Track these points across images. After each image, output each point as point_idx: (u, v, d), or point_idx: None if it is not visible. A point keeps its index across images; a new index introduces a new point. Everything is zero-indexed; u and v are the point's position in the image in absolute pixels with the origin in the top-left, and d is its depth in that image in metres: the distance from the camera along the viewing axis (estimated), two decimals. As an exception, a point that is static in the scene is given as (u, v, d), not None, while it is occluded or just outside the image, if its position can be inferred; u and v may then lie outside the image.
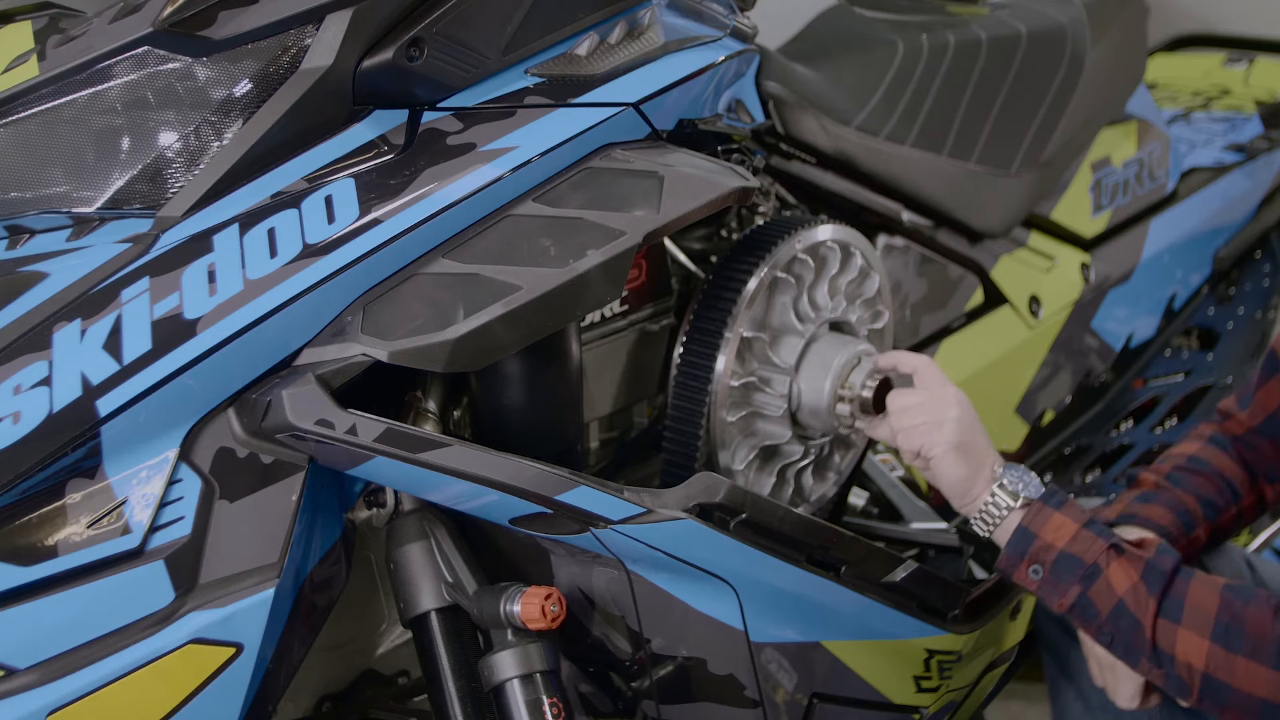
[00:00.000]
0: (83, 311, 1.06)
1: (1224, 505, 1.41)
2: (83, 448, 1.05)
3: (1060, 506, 1.26)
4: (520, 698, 1.19)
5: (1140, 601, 1.20)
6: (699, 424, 1.41)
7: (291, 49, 1.14)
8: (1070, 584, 1.23)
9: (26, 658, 1.02)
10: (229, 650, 1.08)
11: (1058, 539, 1.24)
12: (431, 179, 1.15)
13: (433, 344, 1.12)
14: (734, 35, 1.45)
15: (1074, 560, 1.23)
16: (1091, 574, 1.22)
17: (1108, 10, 2.15)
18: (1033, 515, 1.26)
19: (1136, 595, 1.20)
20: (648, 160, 1.26)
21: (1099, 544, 1.22)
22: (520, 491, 1.15)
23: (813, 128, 1.72)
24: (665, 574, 1.25)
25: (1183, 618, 1.19)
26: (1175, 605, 1.19)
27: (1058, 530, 1.24)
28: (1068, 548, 1.23)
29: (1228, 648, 1.17)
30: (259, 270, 1.09)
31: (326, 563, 1.20)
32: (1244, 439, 1.45)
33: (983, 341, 2.01)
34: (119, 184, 1.13)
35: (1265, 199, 2.43)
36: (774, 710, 1.34)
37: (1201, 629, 1.18)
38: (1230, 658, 1.17)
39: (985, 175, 1.92)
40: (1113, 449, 2.14)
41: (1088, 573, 1.22)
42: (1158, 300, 2.31)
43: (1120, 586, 1.21)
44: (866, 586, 1.35)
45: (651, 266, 1.50)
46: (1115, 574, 1.21)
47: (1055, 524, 1.24)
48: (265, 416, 1.10)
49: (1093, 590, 1.22)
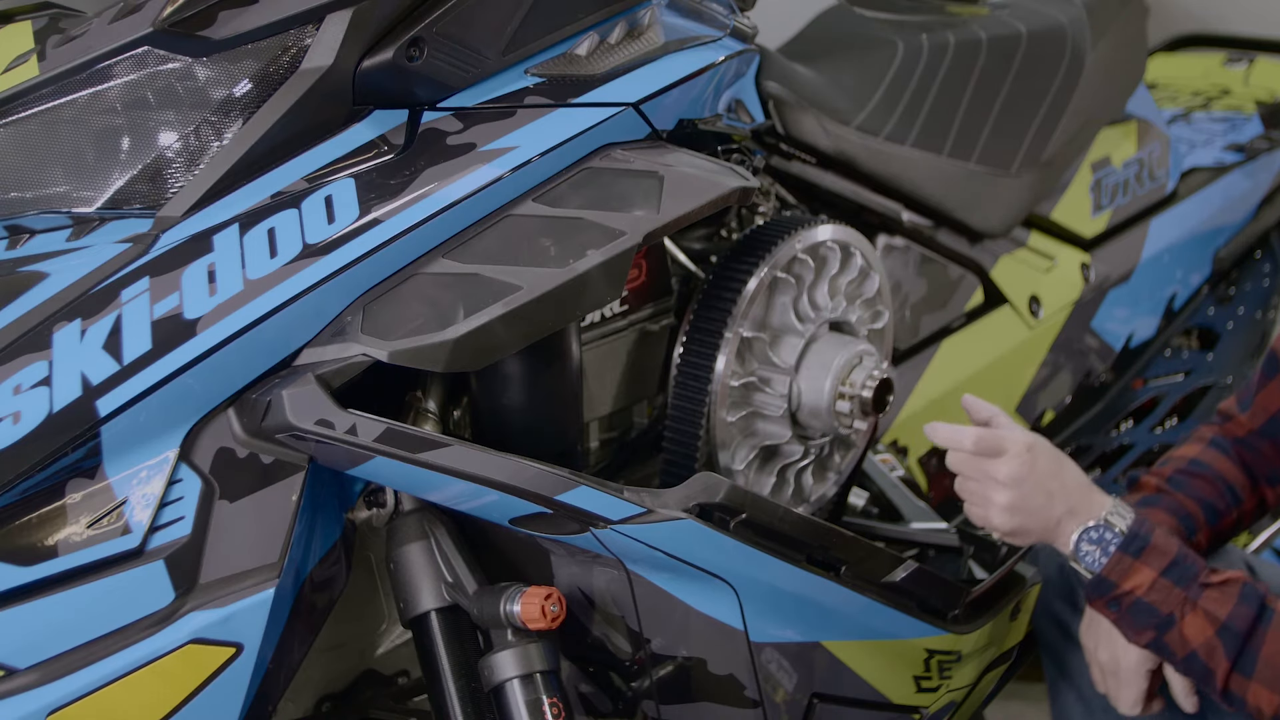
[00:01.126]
0: (83, 311, 1.06)
1: (1225, 509, 1.41)
2: (83, 448, 1.05)
3: (1140, 554, 1.24)
4: (520, 698, 1.19)
5: (1214, 657, 1.21)
6: (699, 424, 1.41)
7: (291, 49, 1.14)
8: (1146, 628, 1.24)
9: (26, 658, 1.02)
10: (229, 650, 1.08)
11: (1137, 588, 1.24)
12: (431, 179, 1.15)
13: (433, 344, 1.12)
14: (734, 35, 1.45)
15: (1150, 609, 1.23)
16: (1166, 623, 1.23)
17: (1108, 10, 2.15)
18: (1113, 565, 1.25)
19: (1210, 651, 1.21)
20: (648, 160, 1.26)
21: (1176, 594, 1.22)
22: (520, 491, 1.15)
23: (813, 128, 1.71)
24: (665, 574, 1.25)
25: (1255, 673, 1.20)
26: (1249, 660, 1.20)
27: (1137, 579, 1.24)
28: (1145, 596, 1.23)
29: None
30: (259, 270, 1.09)
31: (326, 563, 1.20)
32: (1245, 441, 1.44)
33: (983, 341, 2.01)
34: (119, 184, 1.13)
35: (1265, 199, 2.42)
36: (774, 710, 1.33)
37: (1273, 685, 1.19)
38: None
39: (985, 175, 1.92)
40: (1113, 449, 2.14)
41: (1163, 622, 1.23)
42: (1158, 300, 2.30)
43: (1194, 640, 1.21)
44: (866, 586, 1.35)
45: (651, 266, 1.50)
46: (1190, 627, 1.22)
47: (1135, 572, 1.24)
48: (265, 416, 1.10)
49: (1168, 637, 1.23)
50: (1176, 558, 1.24)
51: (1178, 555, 1.24)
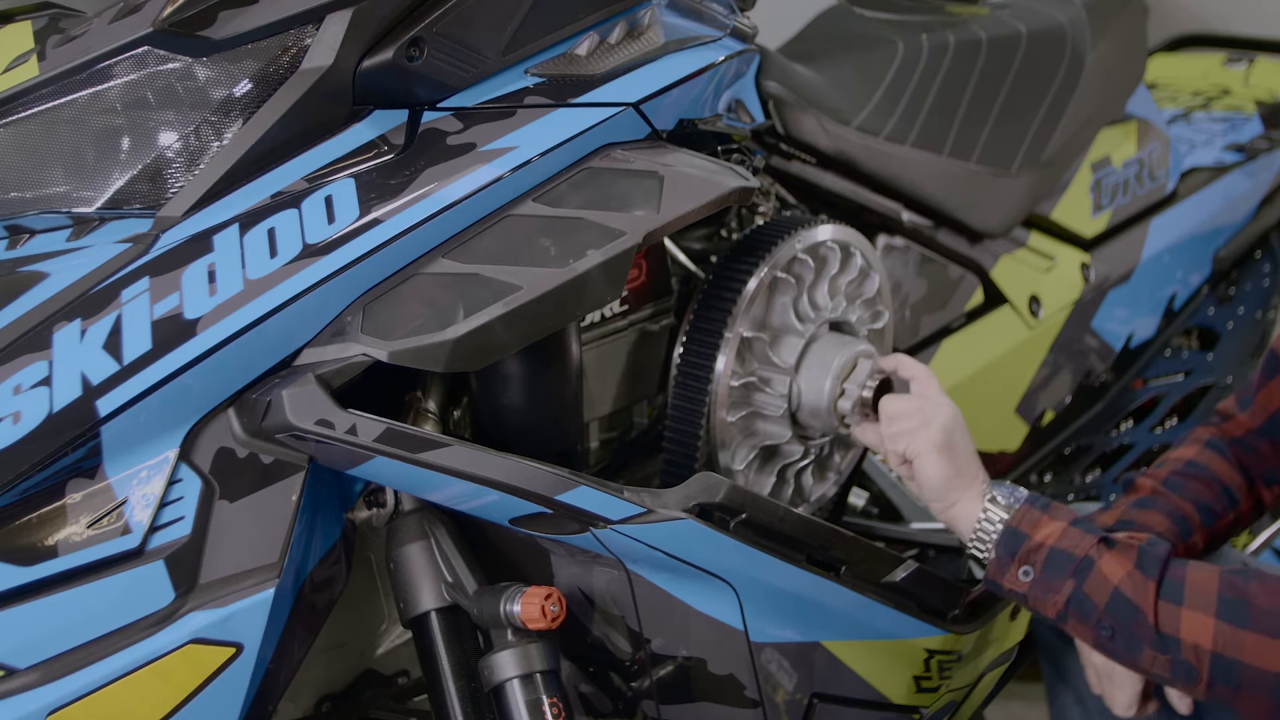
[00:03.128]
0: (83, 311, 1.06)
1: (1221, 511, 1.41)
2: (83, 448, 1.05)
3: (1047, 509, 1.25)
4: (520, 698, 1.19)
5: (1138, 587, 1.18)
6: (699, 424, 1.41)
7: (291, 49, 1.14)
8: (1063, 580, 1.21)
9: (26, 658, 1.02)
10: (229, 650, 1.08)
11: (1047, 538, 1.23)
12: (431, 179, 1.15)
13: (433, 344, 1.12)
14: (734, 35, 1.45)
15: (1065, 555, 1.21)
16: (1084, 567, 1.20)
17: (1108, 10, 2.15)
18: (1020, 517, 1.25)
19: (1133, 581, 1.18)
20: (648, 160, 1.26)
21: (1089, 538, 1.21)
22: (520, 491, 1.15)
23: (813, 128, 1.72)
24: (665, 574, 1.25)
25: (1184, 599, 1.16)
26: (1175, 588, 1.17)
27: (1047, 529, 1.23)
28: (1058, 544, 1.22)
29: (1235, 623, 1.13)
30: (259, 270, 1.09)
31: (326, 563, 1.20)
32: (1243, 440, 1.44)
33: (983, 341, 2.01)
34: (119, 184, 1.13)
35: (1265, 199, 2.43)
36: (774, 710, 1.33)
37: (1206, 607, 1.15)
38: (1239, 633, 1.13)
39: (985, 175, 1.92)
40: (1113, 449, 2.14)
41: (1080, 566, 1.20)
42: (1158, 300, 2.31)
43: (1115, 575, 1.19)
44: (866, 586, 1.35)
45: (651, 266, 1.50)
46: (1108, 564, 1.19)
47: (1044, 524, 1.24)
48: (265, 416, 1.10)
49: (1087, 584, 1.20)
50: (1081, 516, 1.25)
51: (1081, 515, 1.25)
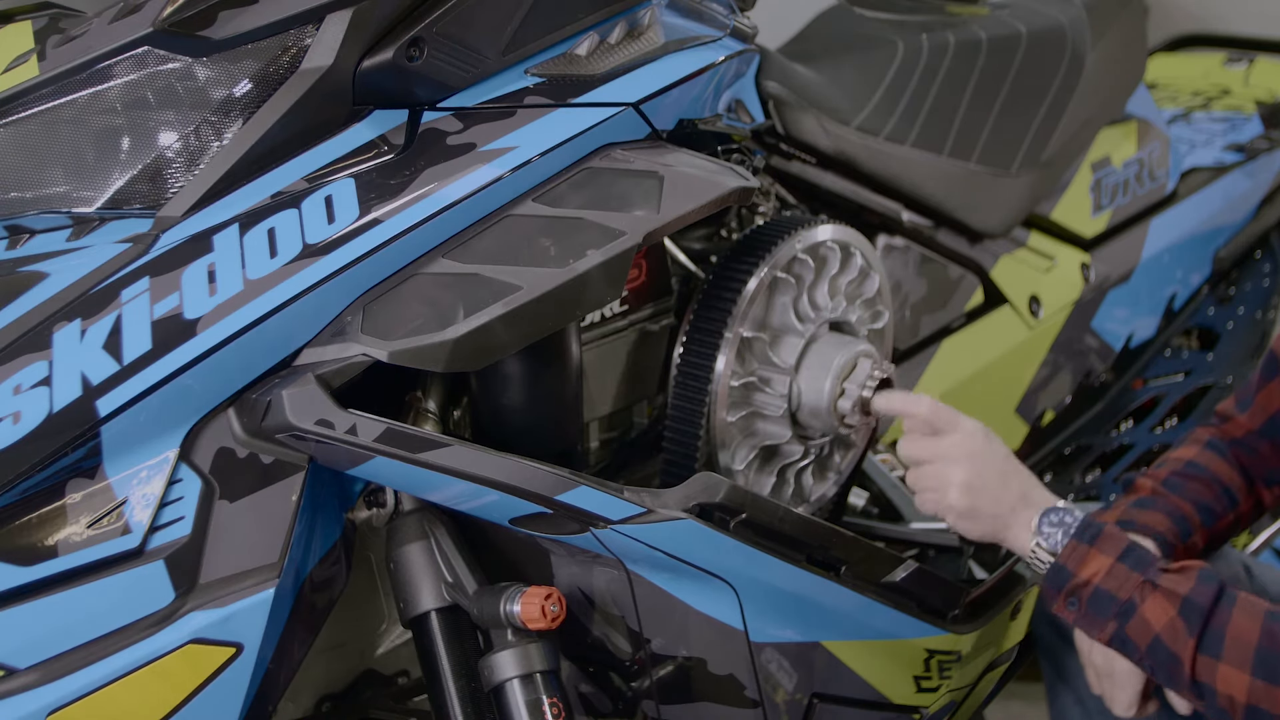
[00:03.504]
0: (83, 311, 1.06)
1: (1221, 511, 1.41)
2: (83, 448, 1.05)
3: (1095, 540, 1.24)
4: (520, 698, 1.19)
5: (1178, 637, 1.19)
6: (699, 424, 1.41)
7: (291, 49, 1.14)
8: (1107, 619, 1.23)
9: (26, 658, 1.02)
10: (229, 650, 1.08)
11: (1094, 575, 1.23)
12: (431, 179, 1.15)
13: (433, 344, 1.12)
14: (734, 35, 1.45)
15: (1109, 597, 1.22)
16: (1127, 610, 1.21)
17: (1108, 10, 2.15)
18: (1067, 554, 1.25)
19: (1174, 631, 1.19)
20: (648, 160, 1.26)
21: (1134, 579, 1.22)
22: (520, 491, 1.15)
23: (813, 128, 1.72)
24: (665, 574, 1.25)
25: (1223, 653, 1.17)
26: (1215, 639, 1.18)
27: (1093, 566, 1.23)
28: (1102, 584, 1.23)
29: (1270, 680, 1.15)
30: (259, 270, 1.09)
31: (326, 563, 1.20)
32: (1243, 441, 1.44)
33: (983, 341, 2.01)
34: (119, 184, 1.13)
35: (1265, 199, 2.43)
36: (774, 710, 1.34)
37: (1242, 663, 1.16)
38: (1272, 690, 1.15)
39: (985, 175, 1.92)
40: (1113, 449, 2.14)
41: (1123, 608, 1.22)
42: (1158, 300, 2.30)
43: (1157, 623, 1.20)
44: (866, 586, 1.35)
45: (651, 266, 1.50)
46: (1151, 609, 1.20)
47: (1091, 560, 1.24)
48: (265, 416, 1.10)
49: (1130, 626, 1.21)
50: (1130, 545, 1.24)
51: (1130, 543, 1.24)
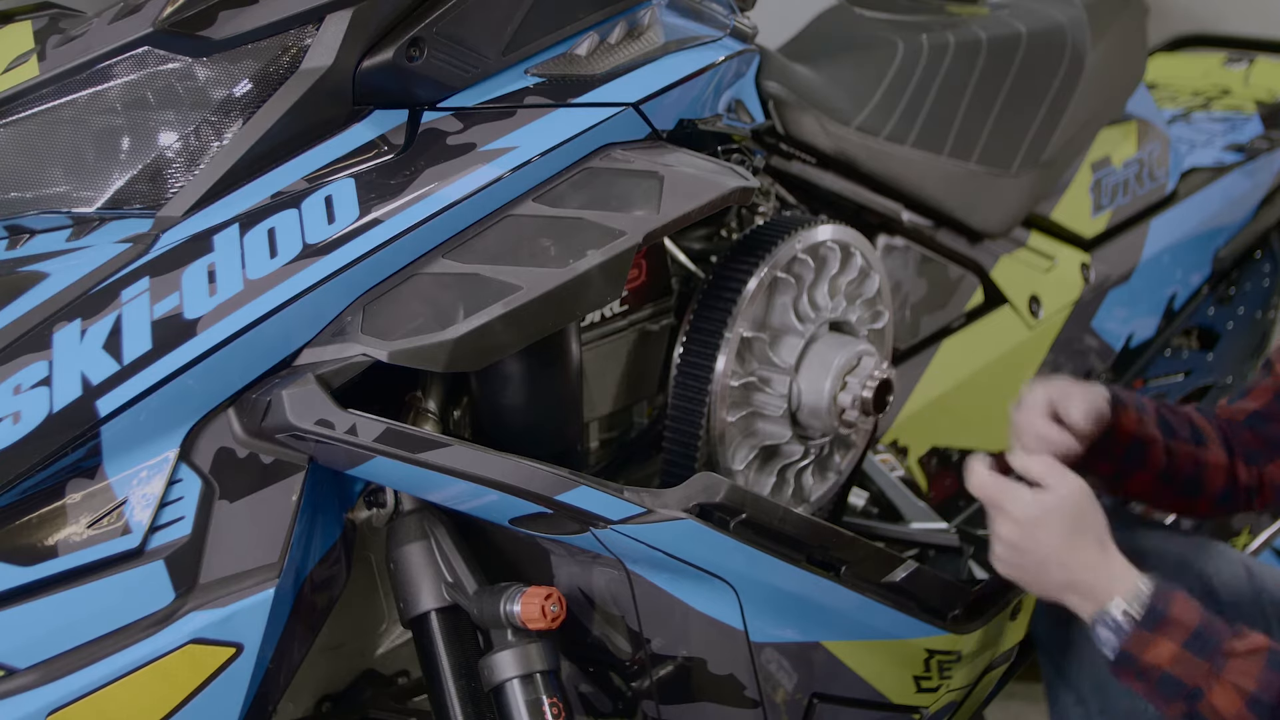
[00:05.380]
0: (83, 311, 1.06)
1: (1184, 438, 1.44)
2: (83, 448, 1.05)
3: (1156, 628, 1.23)
4: (520, 698, 1.19)
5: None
6: (699, 424, 1.41)
7: (291, 49, 1.14)
8: (1176, 700, 1.23)
9: (26, 658, 1.02)
10: (229, 650, 1.08)
11: (1160, 661, 1.23)
12: (431, 179, 1.15)
13: (433, 344, 1.12)
14: (734, 35, 1.45)
15: (1176, 682, 1.22)
16: (1195, 695, 1.22)
17: (1108, 10, 2.15)
18: (1130, 641, 1.24)
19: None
20: (648, 160, 1.26)
21: (1200, 666, 1.22)
22: (520, 491, 1.15)
23: (813, 128, 1.71)
24: (665, 574, 1.25)
25: None
26: None
27: (1157, 651, 1.23)
28: (1170, 669, 1.22)
29: None
30: (259, 270, 1.09)
31: (326, 563, 1.20)
32: (1228, 421, 1.48)
33: (983, 341, 2.01)
34: (119, 184, 1.13)
35: (1265, 199, 2.42)
36: (774, 710, 1.34)
37: None
38: None
39: (985, 175, 1.92)
40: (1113, 449, 2.14)
41: (1191, 694, 1.22)
42: (1158, 300, 2.30)
43: (1226, 712, 1.21)
44: (866, 586, 1.35)
45: (651, 266, 1.50)
46: (1219, 698, 1.21)
47: (1155, 646, 1.23)
48: (265, 416, 1.10)
49: (1199, 708, 1.22)
50: (1198, 628, 1.23)
51: (1199, 626, 1.23)
